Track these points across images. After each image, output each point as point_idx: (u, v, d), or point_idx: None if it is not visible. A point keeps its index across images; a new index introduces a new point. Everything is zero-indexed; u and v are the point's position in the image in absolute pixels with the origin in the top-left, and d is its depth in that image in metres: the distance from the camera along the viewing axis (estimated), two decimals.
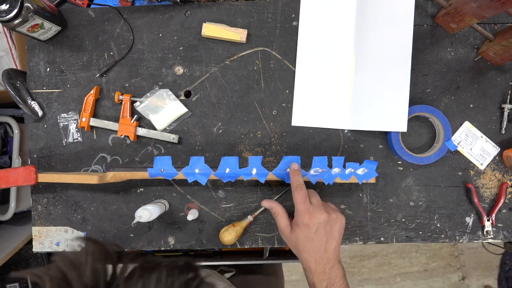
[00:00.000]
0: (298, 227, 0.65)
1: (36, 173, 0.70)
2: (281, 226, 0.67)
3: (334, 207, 0.70)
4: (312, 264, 0.63)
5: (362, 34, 0.77)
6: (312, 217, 0.64)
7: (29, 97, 0.78)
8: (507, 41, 0.69)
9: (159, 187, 0.78)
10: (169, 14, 0.79)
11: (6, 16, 0.65)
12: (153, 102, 0.77)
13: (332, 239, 0.65)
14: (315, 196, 0.68)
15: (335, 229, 0.65)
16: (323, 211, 0.65)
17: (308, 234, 0.64)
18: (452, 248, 1.93)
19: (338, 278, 0.63)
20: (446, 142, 0.76)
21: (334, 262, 0.64)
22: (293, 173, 0.69)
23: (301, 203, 0.65)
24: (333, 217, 0.65)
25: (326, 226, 0.64)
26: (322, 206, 0.66)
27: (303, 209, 0.65)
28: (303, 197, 0.65)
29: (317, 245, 0.64)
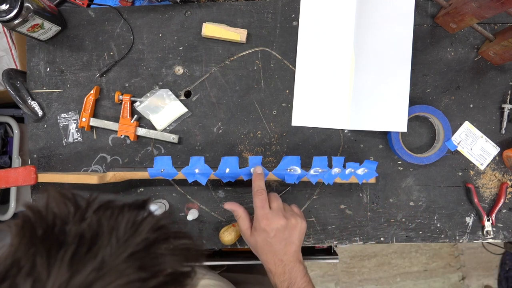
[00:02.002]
0: (257, 231, 0.65)
1: (36, 173, 0.70)
2: (242, 228, 0.67)
3: (297, 211, 0.70)
4: (272, 266, 0.64)
5: (362, 34, 0.77)
6: (270, 222, 0.64)
7: (29, 97, 0.78)
8: (507, 41, 0.69)
9: (159, 187, 0.78)
10: (169, 14, 0.79)
11: (6, 16, 0.65)
12: (153, 102, 0.77)
13: (291, 243, 0.64)
14: (276, 200, 0.67)
15: (294, 234, 0.65)
16: (281, 217, 0.64)
17: (266, 239, 0.64)
18: (452, 248, 1.92)
19: (299, 277, 0.63)
20: (446, 142, 0.76)
21: (294, 263, 0.64)
22: (255, 177, 0.68)
23: (260, 208, 0.65)
24: (292, 223, 0.65)
25: (285, 232, 0.64)
26: (281, 211, 0.65)
27: (261, 215, 0.64)
28: (263, 202, 0.65)
29: (276, 249, 0.64)
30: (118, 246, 0.31)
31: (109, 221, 0.33)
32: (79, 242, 0.30)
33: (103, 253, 0.30)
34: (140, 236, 0.33)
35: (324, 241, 0.79)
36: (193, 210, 0.77)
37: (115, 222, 0.33)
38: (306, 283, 0.63)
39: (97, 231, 0.32)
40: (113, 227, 0.32)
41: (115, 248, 0.31)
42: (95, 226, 0.32)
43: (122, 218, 0.33)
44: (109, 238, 0.32)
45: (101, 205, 0.34)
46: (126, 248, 0.32)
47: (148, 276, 0.31)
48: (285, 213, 0.66)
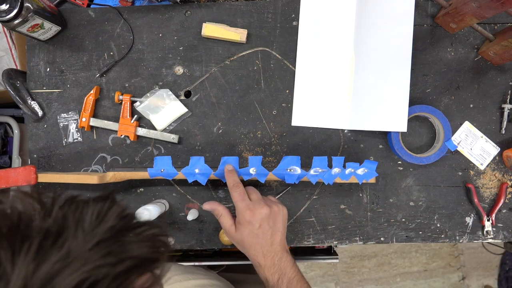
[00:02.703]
0: (241, 225, 0.64)
1: (36, 173, 0.70)
2: (225, 226, 0.67)
3: (275, 200, 0.70)
4: (261, 259, 0.63)
5: (362, 34, 0.77)
6: (253, 213, 0.63)
7: (29, 97, 0.78)
8: (507, 41, 0.69)
9: (159, 187, 0.78)
10: (169, 14, 0.79)
11: (6, 16, 0.65)
12: (153, 102, 0.77)
13: (276, 231, 0.64)
14: (254, 192, 0.67)
15: (279, 221, 0.65)
16: (264, 205, 0.64)
17: (252, 230, 0.63)
18: (452, 248, 1.92)
19: (289, 267, 0.63)
20: (446, 142, 0.76)
21: (282, 253, 0.63)
22: (227, 174, 0.69)
23: (240, 201, 0.65)
24: (275, 210, 0.65)
25: (269, 220, 0.64)
26: (262, 201, 0.65)
27: (243, 207, 0.64)
28: (241, 195, 0.65)
29: (263, 239, 0.63)
30: (84, 236, 0.32)
31: (74, 215, 0.33)
32: (44, 235, 0.31)
33: (69, 244, 0.31)
34: (106, 224, 0.33)
35: (324, 241, 0.79)
36: (193, 210, 0.77)
37: (80, 215, 0.33)
38: (296, 273, 0.63)
39: (62, 225, 0.32)
40: (79, 220, 0.33)
41: (81, 238, 0.32)
42: (60, 220, 0.32)
43: (87, 210, 0.34)
44: (75, 230, 0.32)
45: (67, 200, 0.35)
46: (93, 237, 0.32)
47: (115, 261, 0.32)
48: (266, 201, 0.66)
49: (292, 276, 0.62)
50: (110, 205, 0.35)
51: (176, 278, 0.69)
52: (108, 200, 0.36)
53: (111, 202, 0.36)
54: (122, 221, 0.35)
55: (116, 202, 0.36)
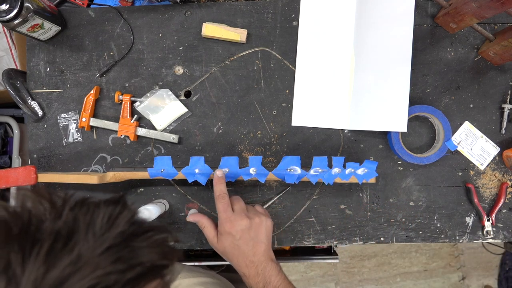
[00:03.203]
0: (222, 236, 0.65)
1: (36, 173, 0.70)
2: (208, 237, 0.67)
3: (261, 210, 0.70)
4: (245, 269, 0.63)
5: (362, 34, 0.77)
6: (233, 224, 0.64)
7: (29, 97, 0.78)
8: (507, 41, 0.69)
9: (159, 187, 0.78)
10: (169, 14, 0.79)
11: (6, 16, 0.65)
12: (153, 102, 0.77)
13: (259, 243, 0.64)
14: (238, 202, 0.67)
15: (261, 233, 0.65)
16: (244, 217, 0.64)
17: (233, 242, 0.64)
18: (452, 248, 1.92)
19: (274, 275, 0.63)
20: (446, 142, 0.76)
21: (266, 263, 0.64)
22: (216, 181, 0.68)
23: (223, 212, 0.65)
24: (256, 222, 0.65)
25: (250, 232, 0.64)
26: (244, 212, 0.66)
27: (224, 218, 0.65)
28: (225, 206, 0.66)
29: (244, 250, 0.63)
30: (94, 240, 0.31)
31: (85, 217, 0.33)
32: (55, 238, 0.30)
33: (80, 248, 0.30)
34: (117, 229, 0.33)
35: (324, 241, 0.79)
36: (193, 210, 0.77)
37: (91, 218, 0.33)
38: (282, 280, 0.62)
39: (73, 227, 0.32)
40: (89, 223, 0.32)
41: (92, 243, 0.31)
42: (71, 222, 0.32)
43: (98, 213, 0.33)
44: (85, 233, 0.32)
45: (77, 202, 0.35)
46: (103, 242, 0.32)
47: (125, 268, 0.31)
48: (248, 213, 0.66)
49: (277, 284, 0.62)
50: (121, 209, 0.35)
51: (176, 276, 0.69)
52: (119, 203, 0.36)
53: (123, 206, 0.35)
54: (132, 226, 0.35)
55: (127, 206, 0.36)
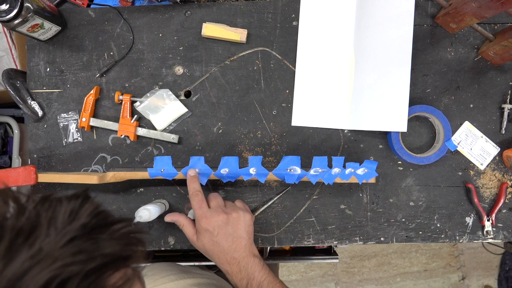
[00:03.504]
0: (200, 233, 0.64)
1: (36, 173, 0.70)
2: (188, 236, 0.67)
3: (240, 205, 0.68)
4: (227, 266, 0.63)
5: (362, 34, 0.77)
6: (209, 220, 0.63)
7: (29, 97, 0.78)
8: (507, 41, 0.69)
9: (159, 187, 0.78)
10: (169, 14, 0.79)
11: (6, 16, 0.65)
12: (153, 102, 0.77)
13: (238, 238, 0.63)
14: (215, 198, 0.66)
15: (240, 228, 0.64)
16: (220, 213, 0.63)
17: (212, 238, 0.63)
18: (452, 248, 1.93)
19: (257, 271, 0.62)
20: (446, 142, 0.76)
21: (248, 259, 0.62)
22: (189, 180, 0.68)
23: (198, 209, 0.64)
24: (234, 217, 0.64)
25: (228, 227, 0.63)
26: (220, 208, 0.65)
27: (200, 214, 0.64)
28: (199, 203, 0.65)
29: (224, 247, 0.63)
30: (56, 234, 0.32)
31: (47, 212, 0.33)
32: (16, 234, 0.31)
33: (40, 242, 0.31)
34: (79, 222, 0.33)
35: (324, 241, 0.79)
36: (193, 210, 0.77)
37: (53, 213, 0.33)
38: (266, 275, 0.61)
39: (35, 223, 0.32)
40: (51, 217, 0.33)
41: (53, 236, 0.32)
42: (33, 218, 0.33)
43: (60, 208, 0.34)
44: (47, 228, 0.32)
45: (41, 199, 0.35)
46: (65, 235, 0.32)
47: (86, 259, 0.32)
48: (225, 208, 0.65)
49: (261, 280, 0.61)
50: (83, 203, 0.35)
51: (172, 278, 0.69)
52: (80, 197, 0.36)
53: (84, 199, 0.36)
54: (95, 218, 0.35)
55: (89, 200, 0.36)
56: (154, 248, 0.79)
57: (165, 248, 0.79)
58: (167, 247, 0.79)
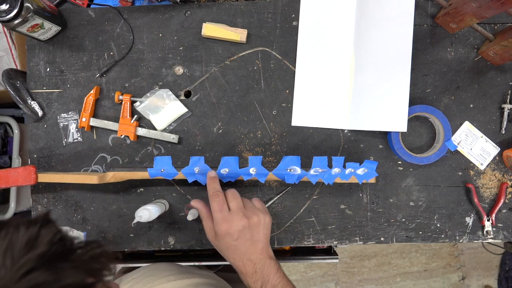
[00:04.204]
0: (219, 236, 0.62)
1: (36, 173, 0.70)
2: (206, 230, 0.65)
3: (259, 205, 0.67)
4: (242, 267, 0.62)
5: (362, 34, 0.77)
6: (230, 225, 0.61)
7: (29, 97, 0.78)
8: (507, 41, 0.69)
9: (159, 187, 0.78)
10: (169, 14, 0.79)
11: (6, 16, 0.65)
12: (153, 102, 0.77)
13: (257, 241, 0.62)
14: (234, 199, 0.64)
15: (259, 232, 0.63)
16: (242, 217, 0.62)
17: (230, 242, 0.62)
18: (452, 248, 1.93)
19: (272, 274, 0.61)
20: (446, 142, 0.76)
21: (264, 261, 0.62)
22: (209, 181, 0.67)
23: (218, 211, 0.62)
24: (254, 221, 0.63)
25: (248, 232, 0.62)
26: (241, 211, 0.63)
27: (220, 218, 0.62)
28: (220, 205, 0.63)
29: (242, 250, 0.62)
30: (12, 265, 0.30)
31: (3, 241, 0.31)
32: None
33: None
34: (37, 250, 0.31)
35: (324, 241, 0.79)
36: (193, 210, 0.76)
37: (9, 241, 0.31)
38: (280, 279, 0.61)
39: None
40: (7, 247, 0.31)
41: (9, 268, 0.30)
42: None
43: (17, 236, 0.32)
44: (3, 259, 0.30)
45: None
46: (22, 266, 0.30)
47: None
48: (246, 211, 0.63)
49: (276, 283, 0.60)
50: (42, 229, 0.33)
51: (170, 278, 0.69)
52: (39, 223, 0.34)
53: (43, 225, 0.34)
54: (55, 246, 0.33)
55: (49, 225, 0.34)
56: (154, 248, 0.79)
57: (165, 248, 0.79)
58: (167, 247, 0.79)
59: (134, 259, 1.00)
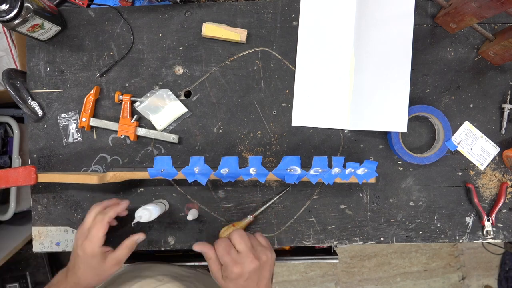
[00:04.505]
0: (229, 278, 0.61)
1: (36, 173, 0.70)
2: (213, 271, 0.64)
3: (264, 243, 0.66)
4: None
5: (362, 34, 0.77)
6: (242, 268, 0.60)
7: (29, 97, 0.78)
8: (507, 41, 0.69)
9: (159, 187, 0.78)
10: (169, 14, 0.79)
11: (6, 16, 0.65)
12: (153, 102, 0.77)
13: (263, 279, 0.63)
14: (242, 240, 0.63)
15: (266, 270, 0.63)
16: (253, 259, 0.61)
17: (240, 282, 0.61)
18: (452, 248, 1.93)
19: None
20: (446, 142, 0.76)
21: None
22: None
23: (226, 255, 0.61)
24: (264, 261, 0.63)
25: (257, 272, 0.62)
26: (251, 252, 0.62)
27: (231, 261, 0.61)
28: (227, 249, 0.62)
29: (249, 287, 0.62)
30: None
31: None
32: None
33: None
34: None
35: (324, 241, 0.79)
36: (193, 210, 0.77)
37: None
38: None
39: None
40: None
41: None
42: None
43: None
44: None
45: None
46: None
47: None
48: (255, 251, 0.63)
49: None
50: None
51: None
52: None
53: None
54: None
55: None
56: (154, 248, 0.79)
57: (165, 248, 0.79)
58: (167, 247, 0.79)
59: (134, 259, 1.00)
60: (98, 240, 0.63)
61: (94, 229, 0.63)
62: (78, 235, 0.65)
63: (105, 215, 0.64)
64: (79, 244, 0.63)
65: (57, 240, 0.79)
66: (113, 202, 0.68)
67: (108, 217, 0.64)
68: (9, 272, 1.50)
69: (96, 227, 0.63)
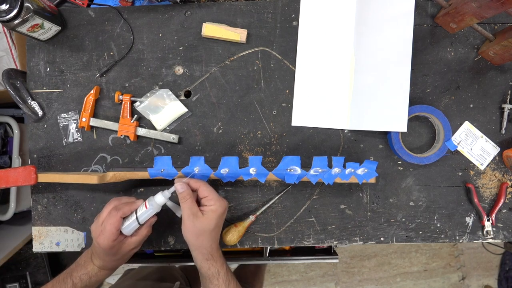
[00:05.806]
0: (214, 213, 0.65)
1: (36, 173, 0.70)
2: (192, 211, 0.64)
3: None
4: (215, 252, 0.66)
5: (362, 34, 0.77)
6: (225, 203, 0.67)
7: (29, 97, 0.78)
8: (507, 41, 0.69)
9: (159, 187, 0.78)
10: (169, 14, 0.79)
11: (6, 16, 0.66)
12: (153, 102, 0.77)
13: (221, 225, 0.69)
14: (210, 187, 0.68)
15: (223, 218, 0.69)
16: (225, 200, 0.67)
17: (220, 221, 0.66)
18: (452, 248, 1.93)
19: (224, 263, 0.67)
20: (446, 142, 0.76)
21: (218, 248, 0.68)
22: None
23: (213, 192, 0.66)
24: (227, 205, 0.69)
25: (224, 214, 0.68)
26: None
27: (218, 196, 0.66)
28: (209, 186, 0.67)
29: (219, 231, 0.67)
30: None
31: None
32: None
33: None
34: None
35: (324, 241, 0.79)
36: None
37: None
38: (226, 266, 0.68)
39: None
40: None
41: None
42: None
43: None
44: None
45: None
46: None
47: None
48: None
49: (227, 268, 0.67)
50: None
51: None
52: None
53: None
54: None
55: None
56: (154, 248, 0.79)
57: (165, 248, 0.79)
58: (167, 247, 0.79)
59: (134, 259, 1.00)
60: (112, 235, 0.63)
61: (108, 225, 0.64)
62: (93, 227, 0.66)
63: (118, 211, 0.64)
64: (95, 236, 0.65)
65: (57, 240, 0.79)
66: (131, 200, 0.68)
67: (121, 212, 0.64)
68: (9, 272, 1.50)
69: (110, 222, 0.64)
